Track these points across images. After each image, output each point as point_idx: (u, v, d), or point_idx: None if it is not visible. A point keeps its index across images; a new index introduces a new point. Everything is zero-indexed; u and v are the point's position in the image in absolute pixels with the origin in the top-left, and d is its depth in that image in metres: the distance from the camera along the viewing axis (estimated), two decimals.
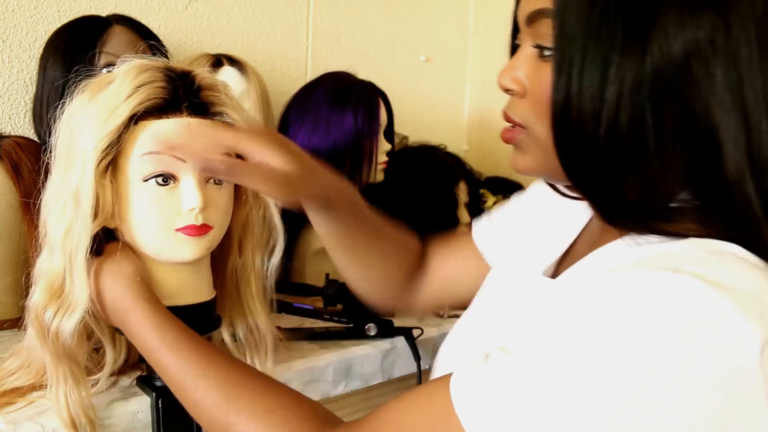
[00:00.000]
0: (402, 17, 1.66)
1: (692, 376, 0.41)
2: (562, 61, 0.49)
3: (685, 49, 0.47)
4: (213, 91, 0.69)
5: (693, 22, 0.47)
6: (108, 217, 0.65)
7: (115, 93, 0.64)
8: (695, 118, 0.48)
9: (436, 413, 0.48)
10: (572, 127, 0.50)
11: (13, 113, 1.10)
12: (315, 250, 1.17)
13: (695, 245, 0.48)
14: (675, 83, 0.47)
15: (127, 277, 0.65)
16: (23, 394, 0.68)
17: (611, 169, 0.50)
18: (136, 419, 0.70)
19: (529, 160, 0.57)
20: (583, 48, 0.48)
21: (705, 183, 0.50)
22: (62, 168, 0.66)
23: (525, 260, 0.69)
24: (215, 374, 0.59)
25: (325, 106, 1.15)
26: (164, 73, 0.66)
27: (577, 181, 0.53)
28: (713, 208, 0.50)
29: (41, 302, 0.64)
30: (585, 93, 0.48)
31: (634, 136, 0.48)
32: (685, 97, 0.48)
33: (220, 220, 0.70)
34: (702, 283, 0.42)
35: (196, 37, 1.29)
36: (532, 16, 0.53)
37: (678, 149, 0.48)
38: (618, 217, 0.52)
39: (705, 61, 0.47)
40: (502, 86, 0.56)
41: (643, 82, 0.47)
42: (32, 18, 1.10)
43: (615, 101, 0.47)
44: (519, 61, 0.55)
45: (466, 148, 1.83)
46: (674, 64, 0.47)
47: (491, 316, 0.69)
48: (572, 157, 0.51)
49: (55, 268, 0.64)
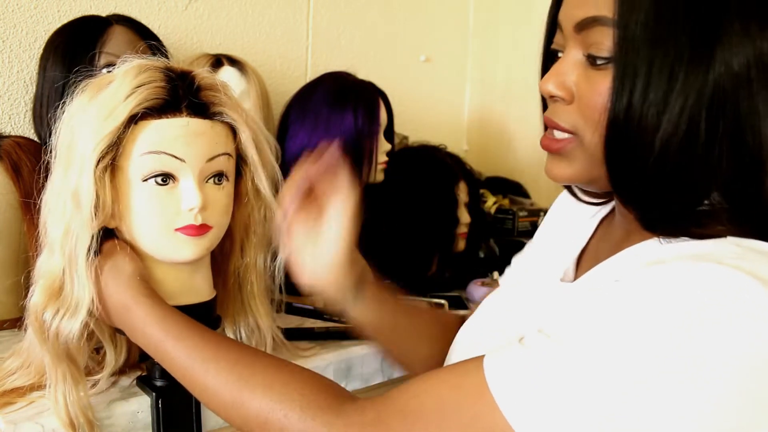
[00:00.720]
0: (402, 17, 1.66)
1: (735, 362, 0.42)
2: (625, 71, 0.49)
3: (748, 62, 0.48)
4: (212, 91, 0.69)
5: (759, 35, 0.48)
6: (108, 216, 0.65)
7: (115, 93, 0.64)
8: (746, 131, 0.49)
9: (469, 389, 0.48)
10: (630, 137, 0.49)
11: (13, 113, 1.10)
12: None
13: (732, 243, 0.49)
14: (733, 95, 0.48)
15: (127, 276, 0.65)
16: (23, 394, 0.68)
17: (660, 179, 0.50)
18: (136, 419, 0.70)
19: (573, 168, 0.56)
20: (649, 59, 0.48)
21: (743, 192, 0.50)
22: (62, 168, 0.66)
23: (539, 267, 0.70)
24: (226, 357, 0.58)
25: (325, 106, 1.15)
26: (164, 73, 0.66)
27: (622, 189, 0.53)
28: (745, 213, 0.51)
29: (40, 303, 0.64)
30: (649, 104, 0.48)
31: (689, 148, 0.48)
32: (740, 109, 0.48)
33: (220, 220, 0.70)
34: (744, 274, 0.43)
35: (196, 37, 1.29)
36: (584, 23, 0.52)
37: (725, 160, 0.49)
38: (658, 223, 0.52)
39: (765, 73, 0.48)
40: (546, 92, 0.55)
41: (703, 94, 0.48)
42: (32, 18, 1.10)
43: (678, 114, 0.48)
44: (566, 67, 0.54)
45: (466, 148, 1.83)
46: (735, 76, 0.48)
47: (507, 314, 0.68)
48: (623, 165, 0.51)
49: (54, 268, 0.64)
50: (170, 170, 0.65)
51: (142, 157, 0.65)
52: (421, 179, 1.28)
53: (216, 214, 0.69)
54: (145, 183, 0.65)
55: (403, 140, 1.44)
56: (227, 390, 0.56)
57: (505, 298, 0.71)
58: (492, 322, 0.69)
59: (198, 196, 0.65)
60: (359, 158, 1.15)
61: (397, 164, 1.24)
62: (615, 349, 0.44)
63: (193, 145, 0.66)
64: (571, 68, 0.54)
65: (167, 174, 0.65)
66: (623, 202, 0.55)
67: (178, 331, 0.61)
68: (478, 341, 0.68)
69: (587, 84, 0.53)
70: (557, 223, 0.74)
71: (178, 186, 0.66)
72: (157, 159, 0.65)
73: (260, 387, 0.55)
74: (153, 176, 0.65)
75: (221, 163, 0.68)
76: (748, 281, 0.43)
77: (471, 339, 0.70)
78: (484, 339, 0.67)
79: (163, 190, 0.66)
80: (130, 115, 0.63)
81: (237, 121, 0.69)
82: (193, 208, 0.66)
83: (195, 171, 0.66)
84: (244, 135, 0.70)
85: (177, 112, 0.66)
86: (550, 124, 0.56)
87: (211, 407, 0.59)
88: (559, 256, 0.68)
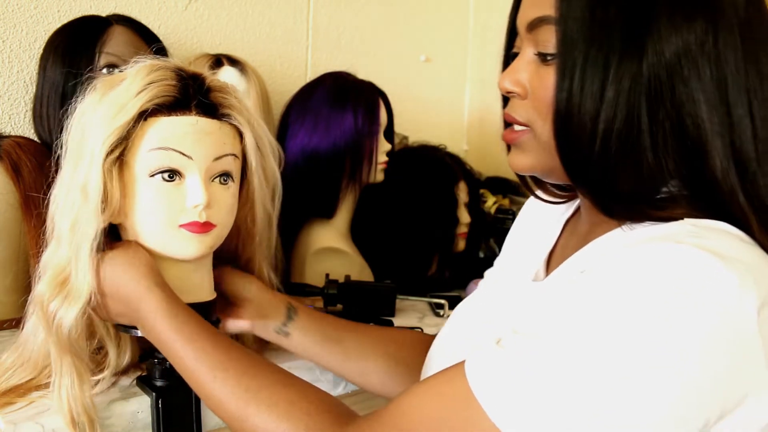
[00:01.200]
0: (402, 17, 1.66)
1: (700, 335, 0.44)
2: (565, 64, 0.53)
3: (677, 52, 0.51)
4: (222, 93, 0.70)
5: (685, 28, 0.51)
6: (115, 211, 0.66)
7: (126, 90, 0.65)
8: (685, 115, 0.52)
9: (455, 398, 0.49)
10: (573, 125, 0.53)
11: (13, 113, 1.10)
12: (315, 250, 1.18)
13: (689, 223, 0.52)
14: (668, 83, 0.51)
15: (142, 266, 0.65)
16: (23, 394, 0.68)
17: (608, 163, 0.53)
18: (136, 419, 0.71)
19: (530, 158, 0.59)
20: (585, 52, 0.52)
21: (694, 175, 0.53)
22: (72, 163, 0.66)
23: (510, 269, 0.72)
24: (235, 366, 0.59)
25: (325, 106, 1.15)
26: (175, 73, 0.67)
27: (576, 176, 0.56)
28: (702, 197, 0.53)
29: (47, 293, 0.64)
30: (586, 93, 0.52)
31: (630, 133, 0.52)
32: (676, 95, 0.52)
33: (224, 219, 0.70)
34: (702, 251, 0.46)
35: (196, 37, 1.29)
36: (534, 23, 0.56)
37: (669, 144, 0.52)
38: (614, 208, 0.55)
39: (695, 62, 0.51)
40: (503, 89, 0.59)
41: (639, 83, 0.51)
42: (32, 18, 1.10)
43: (614, 100, 0.51)
44: (520, 65, 0.58)
45: (466, 148, 1.83)
46: (668, 65, 0.51)
47: (481, 318, 0.70)
48: (572, 153, 0.54)
49: (61, 260, 0.65)
50: (177, 167, 0.66)
51: (150, 153, 0.65)
52: (421, 179, 1.28)
53: (220, 212, 0.69)
54: (151, 179, 0.66)
55: (403, 140, 1.44)
56: (233, 401, 0.57)
57: (479, 302, 0.73)
58: (468, 326, 0.70)
59: (203, 194, 0.66)
60: (359, 158, 1.15)
61: (397, 164, 1.25)
62: (592, 342, 0.45)
63: (201, 143, 0.66)
64: (525, 66, 0.58)
65: (174, 170, 0.66)
66: (579, 189, 0.58)
67: (190, 331, 0.61)
68: (456, 347, 0.69)
69: (538, 80, 0.56)
70: (526, 226, 0.76)
71: (185, 183, 0.66)
72: (165, 155, 0.65)
73: (265, 403, 0.56)
74: (160, 172, 0.65)
75: (228, 163, 0.69)
76: (704, 257, 0.45)
77: (449, 345, 0.71)
78: (462, 344, 0.68)
79: (169, 186, 0.66)
80: (141, 110, 0.64)
81: (243, 124, 0.70)
82: (198, 205, 0.66)
83: (201, 169, 0.66)
84: (248, 138, 0.71)
85: (187, 111, 0.66)
86: (509, 118, 0.60)
87: (216, 414, 0.59)
88: (530, 258, 0.70)
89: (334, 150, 1.14)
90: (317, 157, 1.14)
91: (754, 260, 0.48)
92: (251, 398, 0.56)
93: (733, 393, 0.46)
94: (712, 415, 0.45)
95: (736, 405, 0.46)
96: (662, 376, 0.44)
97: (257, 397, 0.56)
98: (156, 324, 0.62)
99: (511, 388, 0.46)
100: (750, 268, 0.47)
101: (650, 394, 0.44)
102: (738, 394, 0.46)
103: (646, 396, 0.44)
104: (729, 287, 0.45)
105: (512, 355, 0.48)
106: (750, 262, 0.47)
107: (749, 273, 0.46)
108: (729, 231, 0.51)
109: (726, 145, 0.52)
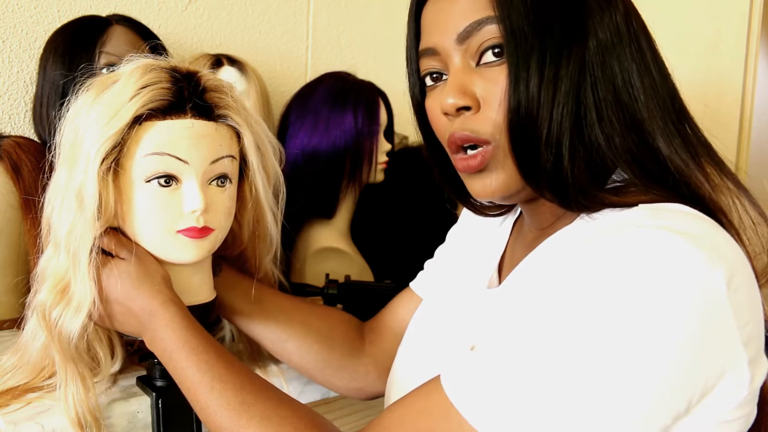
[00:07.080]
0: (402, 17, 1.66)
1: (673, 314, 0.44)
2: (518, 57, 0.53)
3: (610, 32, 0.54)
4: (218, 93, 0.68)
5: (613, 8, 0.55)
6: (111, 217, 0.65)
7: (120, 93, 0.64)
8: (621, 91, 0.54)
9: (435, 412, 0.49)
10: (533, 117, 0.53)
11: (13, 113, 1.10)
12: (315, 250, 1.18)
13: (646, 208, 0.52)
14: (608, 62, 0.54)
15: (158, 282, 0.65)
16: (18, 396, 0.68)
17: (562, 151, 0.53)
18: (136, 419, 0.71)
19: (500, 179, 0.57)
20: (538, 42, 0.52)
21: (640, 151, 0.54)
22: (66, 167, 0.66)
23: (461, 279, 0.72)
24: (233, 380, 0.59)
25: (325, 106, 1.15)
26: (169, 74, 0.66)
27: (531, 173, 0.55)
28: (650, 179, 0.54)
29: (48, 301, 0.64)
30: (545, 83, 0.52)
31: (579, 110, 0.53)
32: (613, 72, 0.54)
33: (222, 223, 0.69)
34: (665, 231, 0.46)
35: (196, 37, 1.29)
36: (468, 29, 0.55)
37: (614, 118, 0.53)
38: (573, 197, 0.54)
39: (621, 39, 0.55)
40: (452, 107, 0.56)
41: (585, 63, 0.53)
42: (32, 18, 1.10)
43: (568, 84, 0.52)
44: (460, 77, 0.56)
45: None
46: (605, 47, 0.54)
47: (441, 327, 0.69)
48: (528, 146, 0.53)
49: (61, 267, 0.64)
50: (173, 172, 0.65)
51: (146, 158, 0.64)
52: (420, 179, 1.28)
53: (218, 216, 0.68)
54: (148, 184, 0.65)
55: (403, 140, 1.44)
56: (227, 412, 0.57)
57: (436, 313, 0.72)
58: (428, 338, 0.70)
59: (200, 199, 0.65)
60: (359, 158, 1.15)
61: (397, 164, 1.24)
62: (567, 340, 0.45)
63: (197, 147, 0.65)
64: (466, 76, 0.56)
65: (170, 175, 0.65)
66: (535, 187, 0.56)
67: (196, 343, 0.62)
68: (420, 358, 0.69)
69: (487, 83, 0.55)
70: (467, 236, 0.76)
71: (181, 188, 0.66)
72: (161, 160, 0.64)
73: (258, 416, 0.57)
74: (156, 177, 0.65)
75: (225, 165, 0.68)
76: (671, 237, 0.45)
77: (411, 358, 0.71)
78: (425, 357, 0.68)
79: (165, 191, 0.65)
80: (135, 115, 0.63)
81: (241, 124, 0.69)
82: (195, 211, 0.65)
83: (198, 173, 0.66)
84: (247, 138, 0.70)
85: (182, 114, 0.65)
86: (463, 139, 0.57)
87: (208, 425, 0.60)
88: (480, 266, 0.70)
89: (334, 150, 1.14)
90: (317, 157, 1.14)
91: (715, 235, 0.49)
92: (245, 411, 0.57)
93: (713, 369, 0.46)
94: (695, 393, 0.46)
95: (717, 380, 0.46)
96: (641, 366, 0.44)
97: (251, 410, 0.57)
98: (165, 336, 0.63)
99: (489, 395, 0.46)
100: (713, 243, 0.47)
101: (631, 385, 0.44)
102: (716, 369, 0.46)
103: (626, 388, 0.44)
104: (696, 264, 0.45)
105: (487, 362, 0.48)
106: (712, 237, 0.48)
107: (714, 248, 0.46)
108: (685, 210, 0.51)
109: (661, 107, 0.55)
